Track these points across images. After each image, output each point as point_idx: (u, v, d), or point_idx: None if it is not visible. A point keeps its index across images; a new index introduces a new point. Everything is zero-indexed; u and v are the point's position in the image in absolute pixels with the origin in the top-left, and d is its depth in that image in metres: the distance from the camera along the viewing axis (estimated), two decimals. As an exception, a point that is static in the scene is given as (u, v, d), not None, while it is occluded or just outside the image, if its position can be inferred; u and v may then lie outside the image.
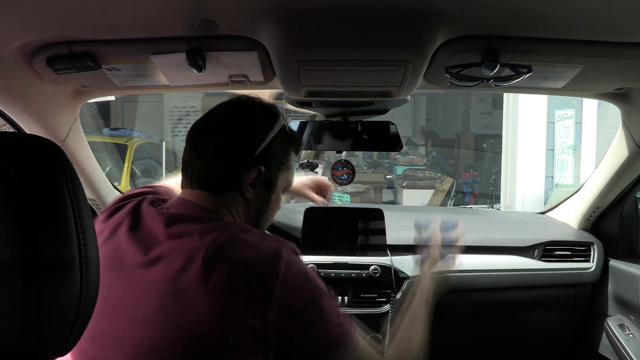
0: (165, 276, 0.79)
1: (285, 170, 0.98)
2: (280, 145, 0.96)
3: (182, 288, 0.78)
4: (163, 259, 0.81)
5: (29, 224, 0.47)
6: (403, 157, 7.25)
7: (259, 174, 0.92)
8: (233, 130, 0.92)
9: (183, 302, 0.77)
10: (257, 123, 0.94)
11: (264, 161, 0.92)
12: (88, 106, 5.55)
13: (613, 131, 1.53)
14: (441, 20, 0.89)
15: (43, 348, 0.49)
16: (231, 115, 0.95)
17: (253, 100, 0.98)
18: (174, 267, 0.80)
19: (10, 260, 0.46)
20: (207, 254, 0.79)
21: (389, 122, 1.45)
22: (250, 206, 0.95)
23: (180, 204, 0.92)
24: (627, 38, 0.96)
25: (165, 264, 0.81)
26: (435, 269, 1.26)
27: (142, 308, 0.79)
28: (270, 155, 0.94)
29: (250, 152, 0.91)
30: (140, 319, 0.78)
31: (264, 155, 0.92)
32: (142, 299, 0.79)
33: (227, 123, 0.93)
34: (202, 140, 0.92)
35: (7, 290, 0.46)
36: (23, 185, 0.47)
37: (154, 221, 0.87)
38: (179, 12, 0.88)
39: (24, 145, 0.50)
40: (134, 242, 0.85)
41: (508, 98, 5.48)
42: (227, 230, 0.84)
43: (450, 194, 6.51)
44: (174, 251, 0.81)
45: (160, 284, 0.79)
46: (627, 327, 1.59)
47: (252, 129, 0.93)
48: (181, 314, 0.76)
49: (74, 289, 0.50)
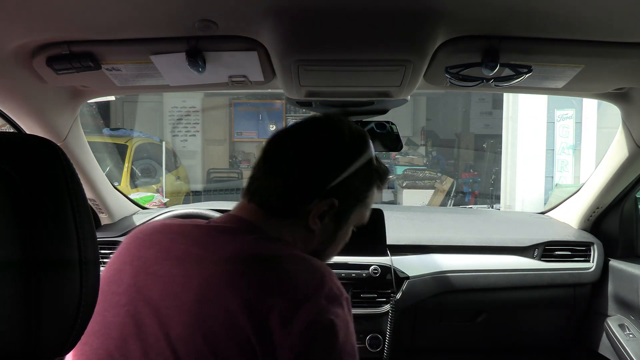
0: (190, 293, 0.71)
1: (362, 207, 0.88)
2: (363, 179, 0.85)
3: (214, 300, 0.69)
4: (192, 270, 0.73)
5: (29, 224, 0.47)
6: (403, 157, 7.25)
7: (331, 207, 0.81)
8: (312, 153, 0.81)
9: (214, 316, 0.69)
10: (342, 149, 0.83)
11: (340, 194, 0.82)
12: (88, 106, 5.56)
13: (613, 131, 1.53)
14: (441, 20, 0.89)
15: (43, 348, 0.49)
16: (314, 134, 0.85)
17: (344, 122, 0.87)
18: (204, 277, 0.71)
19: (10, 260, 0.46)
20: (243, 264, 0.71)
21: (389, 122, 1.45)
22: (313, 238, 0.84)
23: (225, 218, 0.83)
24: (627, 38, 0.96)
25: (196, 274, 0.72)
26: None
27: (166, 328, 0.70)
28: (348, 189, 0.83)
29: (327, 181, 0.80)
30: (163, 341, 0.70)
31: (341, 187, 0.81)
32: (167, 317, 0.71)
33: (308, 143, 0.83)
34: (275, 156, 0.83)
35: (7, 291, 0.46)
36: (23, 185, 0.47)
37: (189, 232, 0.79)
38: (178, 12, 0.88)
39: (24, 145, 0.50)
40: (163, 252, 0.77)
41: (508, 98, 5.49)
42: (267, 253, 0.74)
43: (450, 194, 6.51)
44: (206, 260, 0.73)
45: (185, 299, 0.71)
46: (627, 327, 1.59)
47: (334, 155, 0.82)
48: (211, 327, 0.68)
49: (74, 289, 0.49)
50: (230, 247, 0.76)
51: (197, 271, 0.73)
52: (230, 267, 0.72)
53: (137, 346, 0.71)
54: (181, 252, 0.76)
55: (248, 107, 8.45)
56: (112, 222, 1.78)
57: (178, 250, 0.76)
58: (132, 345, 0.71)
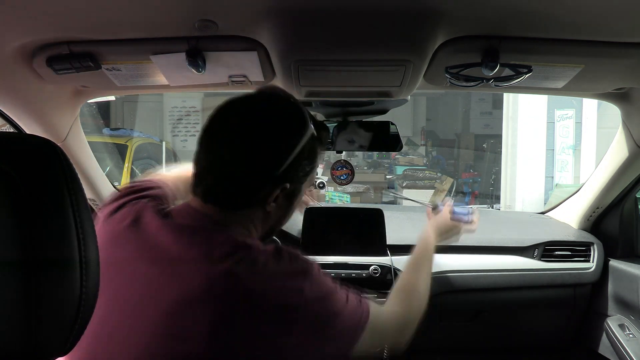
0: (168, 295, 0.73)
1: (309, 176, 0.89)
2: (308, 154, 0.84)
3: (187, 313, 0.72)
4: (168, 276, 0.75)
5: (29, 224, 0.47)
6: (403, 157, 7.25)
7: (283, 189, 0.82)
8: (257, 140, 0.79)
9: (186, 328, 0.72)
10: (285, 133, 0.81)
11: (290, 176, 0.82)
12: (88, 106, 5.55)
13: (613, 131, 1.53)
14: (441, 20, 0.89)
15: (43, 348, 0.49)
16: (253, 117, 0.82)
17: (277, 98, 0.85)
18: (177, 291, 0.73)
19: (10, 260, 0.46)
20: (218, 283, 0.73)
21: (389, 122, 1.45)
22: (269, 217, 0.86)
23: (187, 213, 0.83)
24: (627, 38, 0.96)
25: (170, 282, 0.75)
26: (443, 225, 1.29)
27: (139, 324, 0.73)
28: (297, 169, 0.83)
29: (277, 169, 0.80)
30: (137, 336, 0.73)
31: (290, 169, 0.81)
32: (140, 313, 0.74)
33: (248, 127, 0.80)
34: (217, 146, 0.81)
35: (7, 290, 0.46)
36: (23, 185, 0.47)
37: (159, 232, 0.80)
38: (179, 12, 0.88)
39: (24, 145, 0.50)
40: (136, 252, 0.79)
41: (508, 98, 5.49)
42: (240, 252, 0.76)
43: (450, 194, 6.51)
44: (182, 271, 0.75)
45: (163, 301, 0.73)
46: (627, 327, 1.59)
47: (279, 141, 0.80)
48: (184, 340, 0.71)
49: (74, 289, 0.49)
50: (204, 248, 0.77)
51: (174, 271, 0.75)
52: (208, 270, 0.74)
53: (108, 349, 0.74)
54: (156, 251, 0.78)
55: (248, 107, 8.44)
56: (112, 222, 1.78)
57: (153, 250, 0.78)
58: (104, 346, 0.74)
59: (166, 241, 0.78)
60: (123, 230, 0.82)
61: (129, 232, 0.81)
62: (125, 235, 0.81)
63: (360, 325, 0.83)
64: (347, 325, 0.82)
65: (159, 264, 0.77)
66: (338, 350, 0.82)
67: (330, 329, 0.79)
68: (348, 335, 0.82)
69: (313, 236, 1.64)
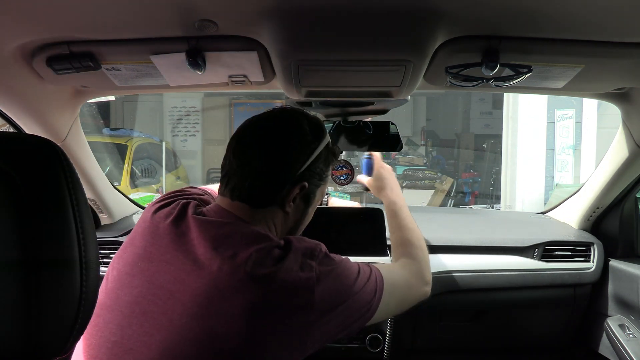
0: (199, 285, 0.80)
1: (324, 184, 1.00)
2: (324, 161, 0.97)
3: (215, 300, 0.78)
4: (197, 268, 0.81)
5: (29, 224, 0.47)
6: (403, 157, 7.25)
7: (302, 189, 0.93)
8: (280, 146, 0.91)
9: (216, 314, 0.78)
10: (307, 138, 0.93)
11: (308, 177, 0.93)
12: (88, 106, 5.56)
13: (613, 131, 1.53)
14: (441, 20, 0.89)
15: (43, 348, 0.49)
16: (277, 128, 0.94)
17: (299, 112, 0.98)
18: (208, 278, 0.80)
19: (10, 260, 0.46)
20: (241, 269, 0.80)
21: (389, 122, 1.45)
22: (288, 219, 0.96)
23: (216, 212, 0.91)
24: (627, 38, 0.96)
25: (200, 272, 0.81)
26: (386, 171, 1.40)
27: (170, 314, 0.79)
28: (314, 172, 0.95)
29: (296, 169, 0.91)
30: (166, 325, 0.78)
31: (308, 171, 0.93)
32: (172, 304, 0.80)
33: (274, 137, 0.92)
34: (247, 153, 0.91)
35: (7, 290, 0.46)
36: (23, 185, 0.47)
37: (193, 226, 0.87)
38: (178, 12, 0.88)
39: (24, 145, 0.50)
40: (173, 245, 0.86)
41: (508, 98, 5.49)
42: (261, 242, 0.85)
43: (450, 194, 6.51)
44: (210, 261, 0.81)
45: (193, 292, 0.79)
46: (627, 327, 1.59)
47: (299, 145, 0.92)
48: (213, 326, 0.77)
49: (74, 289, 0.49)
50: (231, 240, 0.85)
51: (204, 261, 0.82)
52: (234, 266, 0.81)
53: (140, 325, 0.80)
54: (189, 244, 0.85)
55: (248, 107, 8.44)
56: (112, 222, 1.78)
57: (186, 244, 0.85)
58: (136, 323, 0.80)
59: (197, 235, 0.85)
60: (165, 226, 0.89)
61: (170, 227, 0.88)
62: (166, 230, 0.88)
63: (377, 290, 0.93)
64: (364, 294, 0.90)
65: (190, 255, 0.83)
66: (361, 319, 0.91)
67: (348, 300, 0.87)
68: (367, 302, 0.91)
69: (313, 236, 1.63)
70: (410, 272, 1.09)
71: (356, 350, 1.57)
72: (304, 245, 0.88)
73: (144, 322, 0.80)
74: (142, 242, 0.89)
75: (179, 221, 0.89)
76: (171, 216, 0.90)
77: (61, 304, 0.49)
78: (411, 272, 1.09)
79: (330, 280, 0.86)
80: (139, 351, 0.78)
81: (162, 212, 0.92)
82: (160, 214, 0.92)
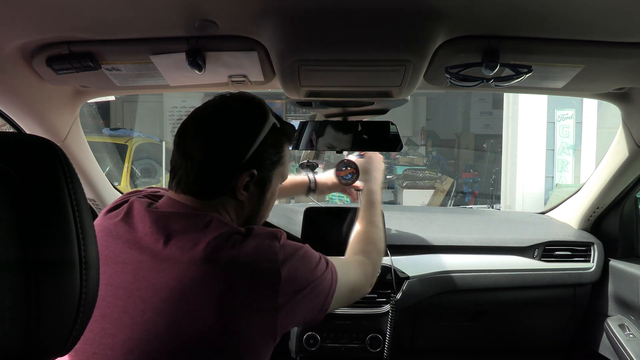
0: (160, 280, 0.79)
1: (279, 167, 0.97)
2: (272, 144, 0.93)
3: (178, 292, 0.77)
4: (156, 262, 0.80)
5: (29, 224, 0.47)
6: (403, 157, 7.24)
7: (252, 176, 0.90)
8: (220, 134, 0.89)
9: (181, 307, 0.77)
10: (246, 124, 0.91)
11: (256, 163, 0.90)
12: (88, 106, 5.55)
13: (613, 131, 1.53)
14: (441, 20, 0.89)
15: (43, 348, 0.49)
16: (217, 116, 0.92)
17: (238, 98, 0.95)
18: (167, 271, 0.79)
19: (10, 260, 0.46)
20: (201, 257, 0.79)
21: (389, 122, 1.45)
22: (243, 207, 0.93)
23: (170, 204, 0.90)
24: (627, 38, 0.96)
25: (159, 267, 0.80)
26: (377, 163, 1.42)
27: (132, 312, 0.78)
28: (262, 156, 0.92)
29: (241, 156, 0.89)
30: (129, 323, 0.78)
31: (255, 157, 0.90)
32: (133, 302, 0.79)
33: (214, 125, 0.90)
34: (188, 144, 0.89)
35: (6, 291, 0.46)
36: (23, 185, 0.47)
37: (144, 220, 0.85)
38: (178, 12, 0.88)
39: (24, 145, 0.50)
40: (127, 243, 0.84)
41: (508, 98, 5.48)
42: (219, 229, 0.83)
43: (450, 194, 6.50)
44: (168, 255, 0.80)
45: (154, 287, 0.78)
46: (627, 327, 1.59)
47: (240, 131, 0.90)
48: (180, 319, 0.76)
49: (74, 289, 0.49)
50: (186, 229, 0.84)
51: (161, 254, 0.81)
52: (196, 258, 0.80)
53: (101, 328, 0.79)
54: (143, 240, 0.83)
55: (248, 107, 8.43)
56: (112, 222, 1.78)
57: (141, 240, 0.84)
58: (96, 327, 0.78)
59: (150, 228, 0.84)
60: (115, 225, 0.87)
61: (121, 224, 0.87)
62: (118, 229, 0.86)
63: (333, 281, 0.93)
64: (326, 281, 0.90)
65: (146, 250, 0.82)
66: (324, 305, 0.91)
67: (312, 283, 0.87)
68: (328, 289, 0.91)
69: (313, 236, 1.64)
70: (364, 273, 1.07)
71: (356, 350, 1.57)
72: (266, 231, 0.87)
73: (104, 324, 0.78)
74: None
75: (129, 217, 0.87)
76: (121, 214, 0.88)
77: (61, 304, 0.49)
78: (365, 273, 1.08)
79: (294, 263, 0.85)
80: (103, 354, 0.77)
81: (113, 213, 0.90)
82: (110, 215, 0.90)
